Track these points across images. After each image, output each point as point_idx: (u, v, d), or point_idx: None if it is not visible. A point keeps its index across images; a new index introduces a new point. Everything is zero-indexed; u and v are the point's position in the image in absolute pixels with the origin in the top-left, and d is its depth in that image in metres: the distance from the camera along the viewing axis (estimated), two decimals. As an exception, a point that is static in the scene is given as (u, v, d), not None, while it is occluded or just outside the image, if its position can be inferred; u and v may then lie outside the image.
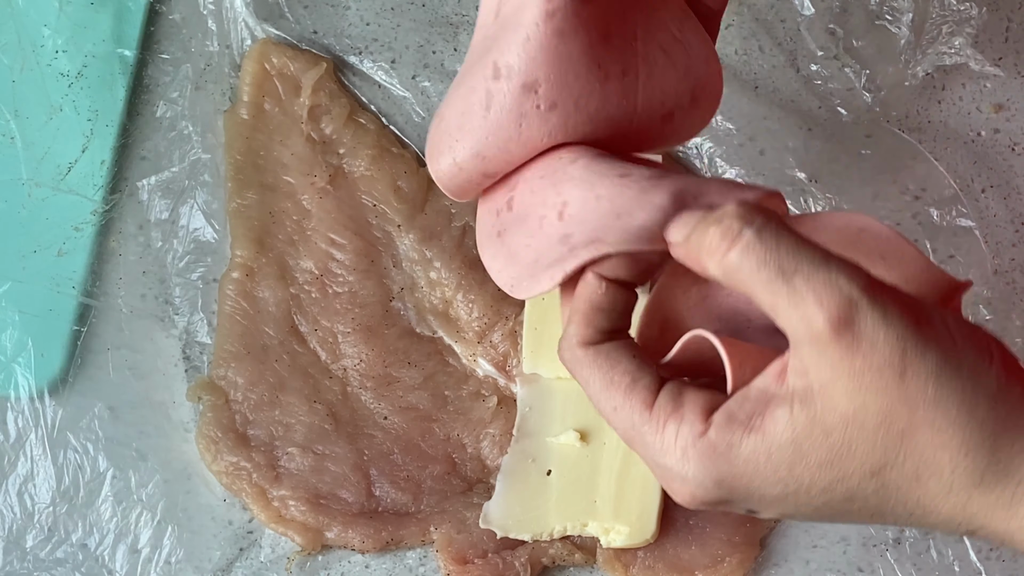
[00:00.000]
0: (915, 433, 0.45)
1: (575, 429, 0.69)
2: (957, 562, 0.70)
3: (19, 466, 0.71)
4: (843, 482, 0.46)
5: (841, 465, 0.46)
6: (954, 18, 0.73)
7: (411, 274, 0.73)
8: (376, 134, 0.74)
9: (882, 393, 0.45)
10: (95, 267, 0.73)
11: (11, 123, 0.73)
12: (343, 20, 0.75)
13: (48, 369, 0.71)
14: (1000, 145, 0.74)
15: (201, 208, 0.74)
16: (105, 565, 0.70)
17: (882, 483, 0.46)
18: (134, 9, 0.75)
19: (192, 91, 0.74)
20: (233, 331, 0.72)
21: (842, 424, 0.45)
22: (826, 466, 0.46)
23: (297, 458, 0.71)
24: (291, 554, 0.70)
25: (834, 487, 0.46)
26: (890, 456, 0.45)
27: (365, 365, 0.72)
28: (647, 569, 0.69)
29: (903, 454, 0.45)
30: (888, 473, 0.46)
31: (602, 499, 0.68)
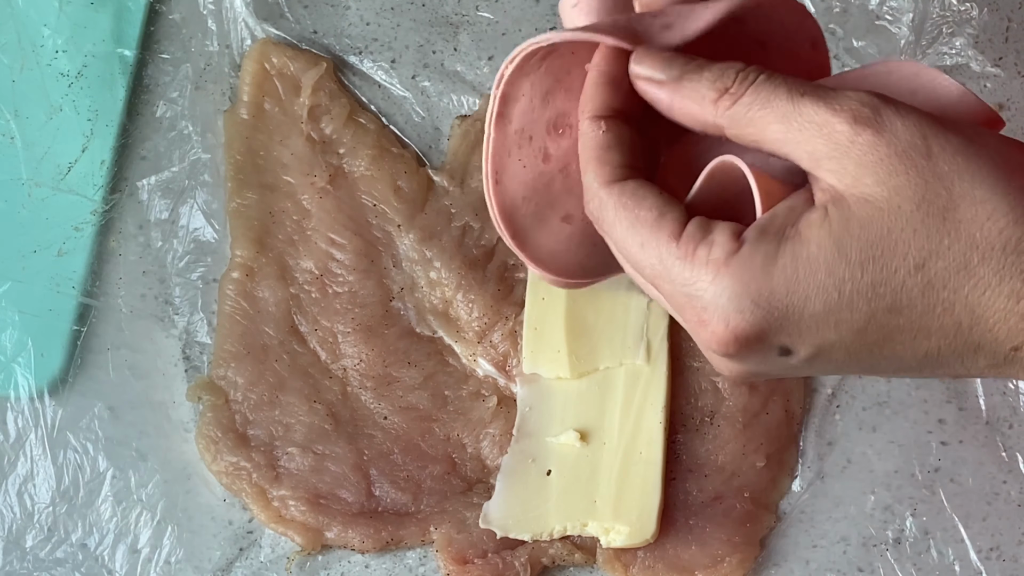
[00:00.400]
0: (956, 209, 0.44)
1: (575, 429, 0.69)
2: (957, 562, 0.70)
3: (19, 466, 0.71)
4: (887, 283, 0.44)
5: (883, 260, 0.44)
6: (954, 18, 0.73)
7: (411, 274, 0.73)
8: (376, 134, 0.74)
9: (913, 173, 0.44)
10: (95, 267, 0.73)
11: (11, 123, 0.73)
12: (343, 20, 0.76)
13: (48, 369, 0.71)
14: (1000, 145, 0.74)
15: (201, 208, 0.74)
16: (105, 565, 0.70)
17: (928, 280, 0.44)
18: (134, 9, 0.75)
19: (192, 91, 0.74)
20: (233, 331, 0.72)
21: (878, 213, 0.44)
22: (867, 263, 0.44)
23: (297, 458, 0.71)
24: (291, 554, 0.70)
25: (878, 291, 0.44)
26: (933, 242, 0.44)
27: (365, 365, 0.72)
28: (647, 569, 0.69)
29: (947, 238, 0.44)
30: (934, 265, 0.44)
31: (602, 499, 0.68)
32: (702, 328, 0.46)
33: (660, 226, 0.46)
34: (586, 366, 0.70)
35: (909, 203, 0.44)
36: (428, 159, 0.75)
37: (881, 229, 0.44)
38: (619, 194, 0.47)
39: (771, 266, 0.44)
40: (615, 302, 0.71)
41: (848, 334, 0.45)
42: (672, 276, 0.46)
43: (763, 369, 0.47)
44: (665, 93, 0.48)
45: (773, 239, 0.45)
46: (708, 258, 0.45)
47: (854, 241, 0.44)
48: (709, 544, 0.69)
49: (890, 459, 0.71)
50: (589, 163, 0.48)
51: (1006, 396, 0.71)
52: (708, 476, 0.70)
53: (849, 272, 0.44)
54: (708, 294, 0.45)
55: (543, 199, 0.52)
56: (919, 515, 0.70)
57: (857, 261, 0.44)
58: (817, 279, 0.44)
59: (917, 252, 0.44)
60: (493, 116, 0.52)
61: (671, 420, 0.70)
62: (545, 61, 0.51)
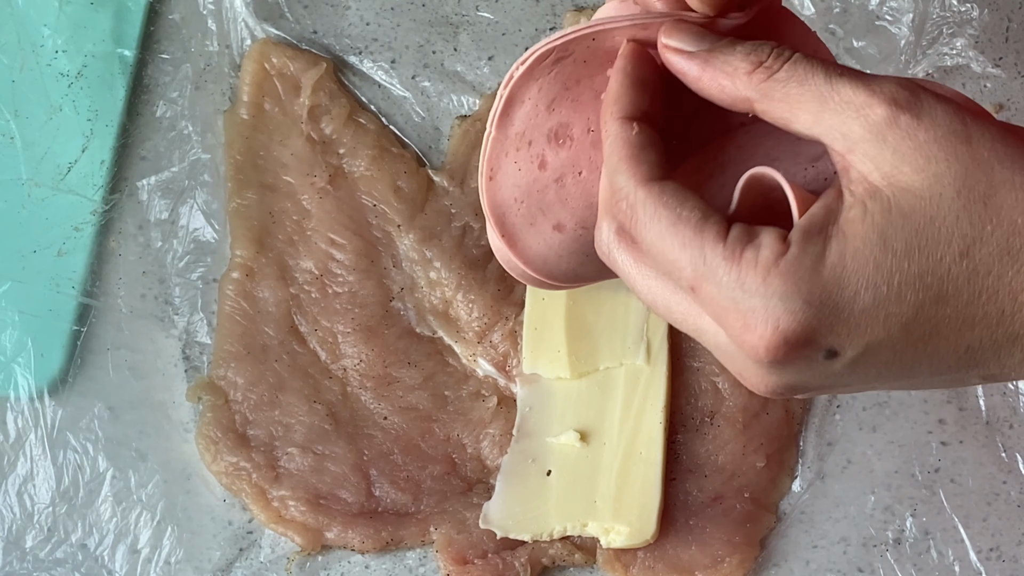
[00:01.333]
0: (996, 195, 0.43)
1: (575, 429, 0.69)
2: (957, 562, 0.70)
3: (19, 466, 0.71)
4: (933, 272, 0.44)
5: (928, 249, 0.44)
6: (955, 19, 0.73)
7: (411, 274, 0.73)
8: (376, 134, 0.74)
9: (952, 159, 0.44)
10: (95, 267, 0.73)
11: (11, 123, 0.73)
12: (343, 20, 0.75)
13: (48, 369, 0.71)
14: (1000, 145, 0.74)
15: (201, 208, 0.74)
16: (105, 565, 0.70)
17: (973, 267, 0.44)
18: (134, 9, 0.75)
19: (192, 91, 0.74)
20: (233, 331, 0.72)
21: (919, 201, 0.44)
22: (913, 253, 0.44)
23: (297, 458, 0.71)
24: (291, 554, 0.70)
25: (925, 281, 0.44)
26: (976, 228, 0.44)
27: (365, 365, 0.72)
28: (647, 569, 0.69)
29: (989, 224, 0.44)
30: (977, 251, 0.44)
31: (602, 499, 0.68)
32: (748, 332, 0.45)
33: (705, 227, 0.45)
34: (586, 366, 0.70)
35: (950, 190, 0.43)
36: (428, 159, 0.75)
37: (924, 218, 0.44)
38: (660, 193, 0.46)
39: (820, 265, 0.44)
40: (615, 302, 0.71)
41: (896, 329, 0.44)
42: (718, 277, 0.45)
43: (804, 379, 0.46)
44: (696, 64, 0.47)
45: (819, 238, 0.44)
46: (757, 260, 0.44)
47: (898, 232, 0.44)
48: (709, 544, 0.69)
49: (890, 459, 0.71)
50: (622, 162, 0.47)
51: (1006, 396, 0.71)
52: (708, 476, 0.70)
53: (896, 264, 0.44)
54: (758, 296, 0.44)
55: (535, 204, 0.52)
56: (919, 515, 0.70)
57: (903, 252, 0.44)
58: (866, 273, 0.44)
59: (961, 239, 0.44)
60: (497, 114, 0.52)
61: (671, 420, 0.70)
62: (556, 67, 0.51)
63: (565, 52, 0.50)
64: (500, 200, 0.53)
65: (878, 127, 0.44)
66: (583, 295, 0.70)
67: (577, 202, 0.52)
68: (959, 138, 0.44)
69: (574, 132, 0.52)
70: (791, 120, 0.46)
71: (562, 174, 0.52)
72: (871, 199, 0.44)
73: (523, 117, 0.52)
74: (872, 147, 0.44)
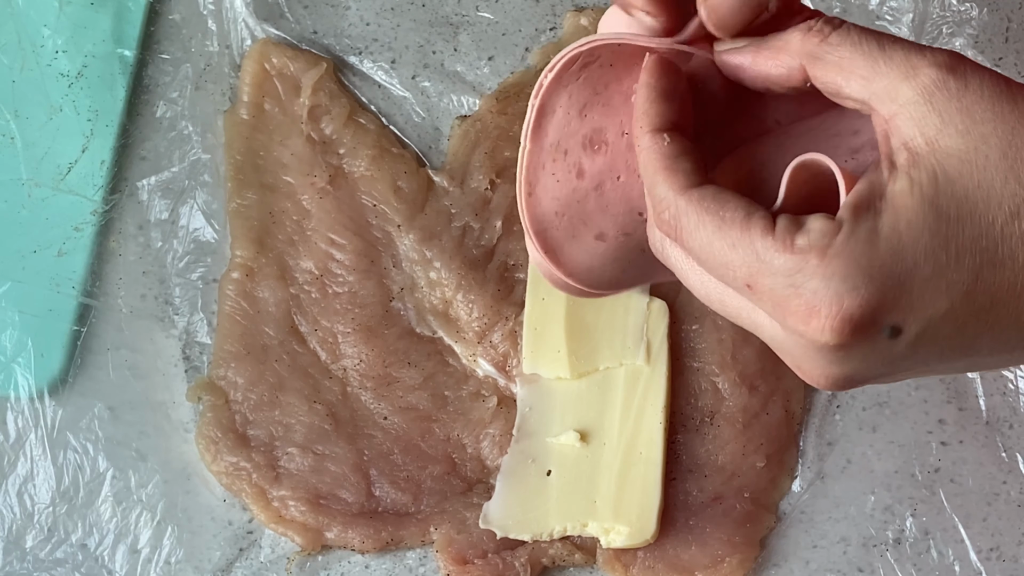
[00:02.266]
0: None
1: (575, 429, 0.69)
2: (957, 562, 0.70)
3: (19, 466, 0.71)
4: (987, 235, 0.44)
5: (979, 211, 0.44)
6: (954, 18, 0.73)
7: (411, 274, 0.73)
8: (376, 134, 0.74)
9: (999, 120, 0.44)
10: (95, 267, 0.73)
11: (11, 123, 0.73)
12: (343, 20, 0.76)
13: (48, 369, 0.71)
14: (1000, 145, 0.74)
15: (201, 208, 0.74)
16: (105, 565, 0.70)
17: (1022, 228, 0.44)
18: (134, 9, 0.75)
19: (192, 91, 0.74)
20: (233, 331, 0.72)
21: (965, 166, 0.44)
22: (966, 218, 0.44)
23: (297, 458, 0.71)
24: (291, 554, 0.70)
25: (980, 245, 0.44)
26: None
27: (365, 365, 0.72)
28: (647, 569, 0.69)
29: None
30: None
31: (602, 499, 0.68)
32: (813, 318, 0.44)
33: (750, 224, 0.45)
34: (586, 366, 0.70)
35: (996, 151, 0.44)
36: (428, 159, 0.75)
37: (971, 181, 0.44)
38: (699, 199, 0.46)
39: (875, 239, 0.44)
40: (615, 302, 0.71)
41: (958, 298, 0.44)
42: (775, 268, 0.45)
43: (866, 365, 0.46)
44: (749, 52, 0.48)
45: (870, 214, 0.44)
46: (810, 244, 0.44)
47: (948, 199, 0.44)
48: (709, 544, 0.69)
49: (890, 459, 0.71)
50: (658, 174, 0.47)
51: (1006, 396, 0.71)
52: (708, 476, 0.70)
53: (950, 229, 0.44)
54: (817, 278, 0.44)
55: (576, 215, 0.52)
56: (919, 515, 0.70)
57: (955, 217, 0.44)
58: (923, 242, 0.44)
59: (1011, 199, 0.44)
60: (530, 127, 0.51)
61: (671, 420, 0.70)
62: (584, 72, 0.50)
63: (592, 57, 0.50)
64: (540, 214, 0.52)
65: (927, 89, 0.44)
66: (583, 295, 0.71)
67: (618, 208, 0.52)
68: (1005, 98, 0.44)
69: (608, 137, 0.51)
70: (842, 85, 0.46)
71: (600, 181, 0.52)
72: (916, 168, 0.44)
73: (556, 127, 0.51)
74: (919, 110, 0.44)
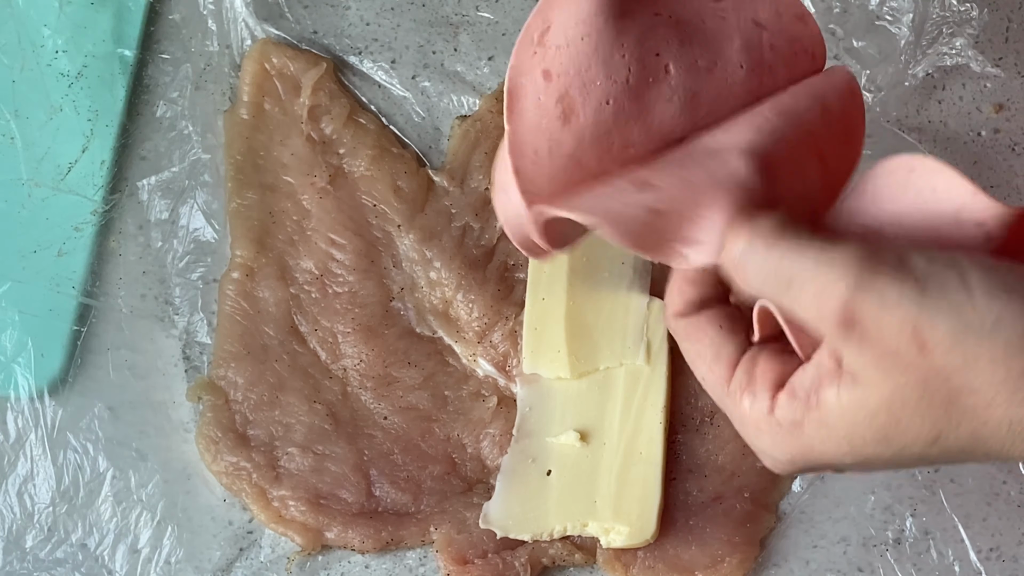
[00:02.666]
0: (958, 399, 0.45)
1: (575, 429, 0.69)
2: (957, 562, 0.70)
3: (19, 466, 0.71)
4: (905, 451, 0.47)
5: (897, 440, 0.46)
6: (954, 18, 0.73)
7: (411, 274, 0.73)
8: (376, 134, 0.74)
9: (910, 370, 0.45)
10: (95, 267, 0.73)
11: (11, 123, 0.73)
12: (343, 20, 0.76)
13: (48, 369, 0.71)
14: (1000, 145, 0.74)
15: (201, 208, 0.74)
16: (105, 565, 0.70)
17: (944, 448, 0.46)
18: (134, 9, 0.75)
19: (192, 91, 0.74)
20: (233, 331, 0.72)
21: (885, 405, 0.45)
22: (883, 442, 0.46)
23: (297, 458, 0.71)
24: (291, 554, 0.70)
25: (899, 456, 0.47)
26: (942, 425, 0.45)
27: (365, 365, 0.72)
28: (647, 569, 0.69)
29: (955, 421, 0.45)
30: (946, 440, 0.46)
31: (602, 499, 0.68)
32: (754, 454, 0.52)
33: (715, 364, 0.52)
34: (586, 366, 0.70)
35: (912, 396, 0.45)
36: (428, 159, 0.75)
37: (889, 419, 0.46)
38: (684, 327, 0.53)
39: (799, 433, 0.48)
40: (615, 302, 0.71)
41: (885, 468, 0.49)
42: (728, 412, 0.52)
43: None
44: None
45: (800, 406, 0.48)
46: (750, 410, 0.50)
47: (865, 426, 0.46)
48: (709, 544, 0.69)
49: (890, 459, 0.71)
50: (670, 286, 0.54)
51: (1006, 396, 0.71)
52: (708, 476, 0.70)
53: (867, 448, 0.47)
54: (753, 442, 0.51)
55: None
56: (919, 515, 0.70)
57: (872, 440, 0.47)
58: (841, 449, 0.48)
59: (929, 431, 0.46)
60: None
61: (671, 420, 0.70)
62: None
63: None
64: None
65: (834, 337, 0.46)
66: (583, 295, 0.70)
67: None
68: (912, 348, 0.44)
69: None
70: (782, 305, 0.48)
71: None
72: (844, 386, 0.46)
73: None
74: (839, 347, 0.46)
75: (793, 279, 0.46)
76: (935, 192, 0.49)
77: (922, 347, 0.44)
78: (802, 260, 0.46)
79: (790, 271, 0.46)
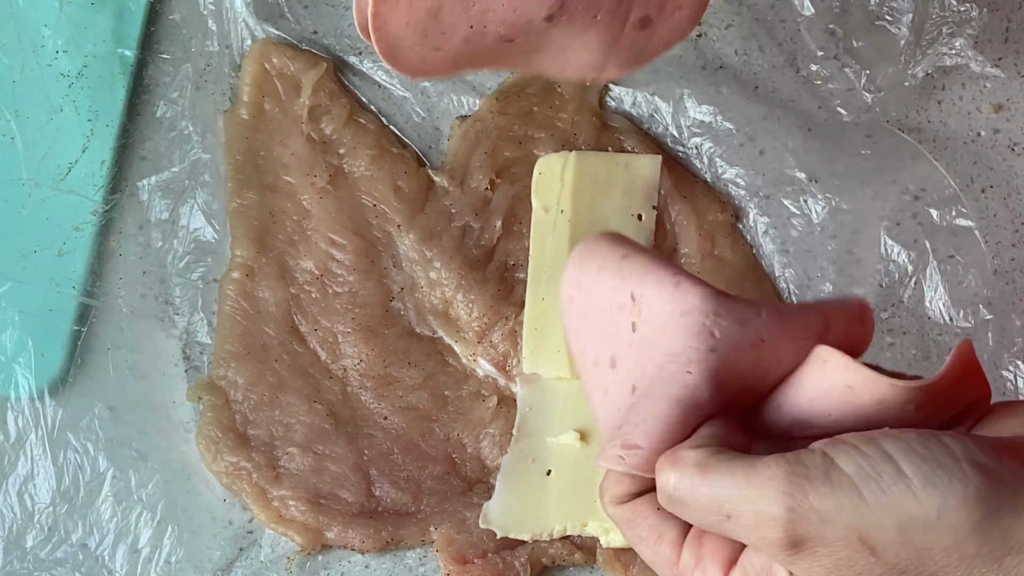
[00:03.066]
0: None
1: (575, 429, 0.69)
2: (957, 562, 0.70)
3: (19, 466, 0.71)
4: None
5: None
6: (954, 19, 0.73)
7: (411, 274, 0.73)
8: (376, 134, 0.74)
9: (865, 573, 0.45)
10: (95, 267, 0.73)
11: (11, 123, 0.73)
12: (343, 20, 0.75)
13: (48, 369, 0.71)
14: (1000, 145, 0.74)
15: (201, 208, 0.74)
16: (105, 565, 0.70)
17: None
18: (134, 9, 0.75)
19: (192, 91, 0.74)
20: (233, 331, 0.72)
21: None
22: None
23: (297, 458, 0.71)
24: (291, 554, 0.70)
25: None
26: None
27: (365, 365, 0.72)
28: (647, 569, 0.69)
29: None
30: None
31: (602, 499, 0.68)
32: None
33: (659, 547, 0.50)
34: (586, 366, 0.70)
35: None
36: (428, 159, 0.75)
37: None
38: (623, 513, 0.51)
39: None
40: (615, 302, 0.71)
41: None
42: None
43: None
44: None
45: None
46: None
47: None
48: (709, 544, 0.69)
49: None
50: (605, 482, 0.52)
51: (1005, 396, 0.71)
52: (708, 476, 0.70)
53: None
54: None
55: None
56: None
57: None
58: None
59: None
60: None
61: (671, 420, 0.70)
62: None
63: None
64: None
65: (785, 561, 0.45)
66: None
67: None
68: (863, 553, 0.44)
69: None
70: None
71: None
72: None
73: None
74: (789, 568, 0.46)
75: (730, 514, 0.45)
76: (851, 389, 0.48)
77: (872, 551, 0.44)
78: (730, 491, 0.45)
79: (722, 507, 0.46)
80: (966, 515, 0.44)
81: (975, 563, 0.44)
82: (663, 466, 0.47)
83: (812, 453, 0.45)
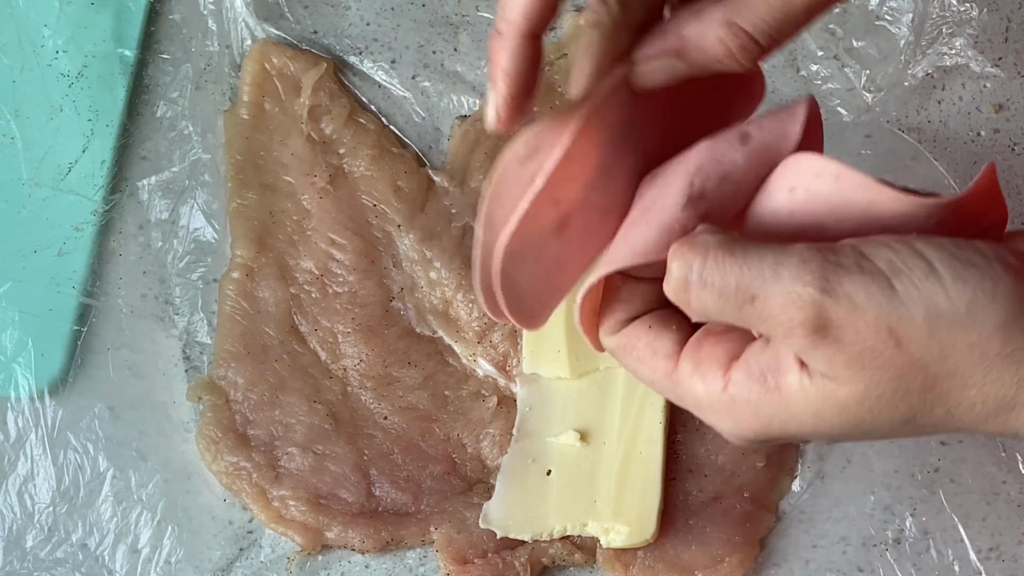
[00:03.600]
0: (935, 385, 0.44)
1: (575, 429, 0.69)
2: (957, 562, 0.70)
3: (19, 466, 0.71)
4: (875, 432, 0.46)
5: (867, 426, 0.46)
6: (954, 19, 0.73)
7: (411, 274, 0.73)
8: (376, 134, 0.74)
9: (887, 367, 0.44)
10: (95, 267, 0.73)
11: (11, 123, 0.73)
12: (343, 20, 0.76)
13: (48, 369, 0.71)
14: (1000, 145, 0.74)
15: (201, 208, 0.74)
16: (105, 565, 0.70)
17: (916, 427, 0.46)
18: (134, 9, 0.75)
19: (192, 91, 0.74)
20: (233, 331, 0.72)
21: (856, 399, 0.45)
22: (851, 428, 0.46)
23: (297, 458, 0.71)
24: (291, 554, 0.70)
25: (867, 436, 0.46)
26: (916, 409, 0.45)
27: (365, 365, 0.72)
28: (647, 569, 0.69)
29: (929, 404, 0.45)
30: (919, 420, 0.45)
31: (602, 499, 0.68)
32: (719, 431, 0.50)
33: (655, 362, 0.50)
34: (586, 366, 0.70)
35: (888, 389, 0.45)
36: (428, 159, 0.75)
37: (862, 409, 0.45)
38: (618, 340, 0.51)
39: (758, 411, 0.47)
40: (615, 302, 0.71)
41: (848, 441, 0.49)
42: (684, 401, 0.50)
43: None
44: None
45: (757, 386, 0.47)
46: (705, 392, 0.48)
47: (833, 416, 0.46)
48: (709, 544, 0.69)
49: (890, 459, 0.71)
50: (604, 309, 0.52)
51: (1006, 396, 0.71)
52: (708, 476, 0.70)
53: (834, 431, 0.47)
54: (712, 421, 0.49)
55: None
56: (919, 515, 0.70)
57: (839, 427, 0.46)
58: (805, 429, 0.47)
59: (903, 415, 0.45)
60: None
61: (671, 420, 0.70)
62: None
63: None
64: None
65: (806, 347, 0.45)
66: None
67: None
68: (889, 345, 0.44)
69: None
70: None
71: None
72: (809, 378, 0.46)
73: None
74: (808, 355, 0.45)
75: (756, 294, 0.45)
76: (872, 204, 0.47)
77: (898, 343, 0.44)
78: (762, 270, 0.45)
79: (751, 286, 0.45)
80: (993, 312, 0.43)
81: (995, 363, 0.44)
82: (680, 251, 0.46)
83: (843, 246, 0.45)
